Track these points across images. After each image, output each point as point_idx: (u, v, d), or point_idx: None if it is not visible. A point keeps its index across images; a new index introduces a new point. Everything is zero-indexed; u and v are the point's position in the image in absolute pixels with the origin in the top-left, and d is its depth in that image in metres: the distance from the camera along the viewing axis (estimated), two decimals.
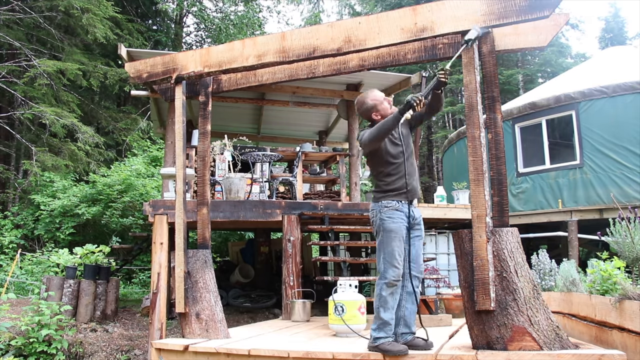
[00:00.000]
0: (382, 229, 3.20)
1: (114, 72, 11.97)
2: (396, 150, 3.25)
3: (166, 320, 5.35)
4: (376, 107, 3.35)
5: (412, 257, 3.25)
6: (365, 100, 3.38)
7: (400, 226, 3.15)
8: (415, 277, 3.25)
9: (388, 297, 3.12)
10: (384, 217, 3.19)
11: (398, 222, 3.15)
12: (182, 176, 4.05)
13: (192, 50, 4.06)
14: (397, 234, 3.14)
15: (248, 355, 3.40)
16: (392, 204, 3.19)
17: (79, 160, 11.16)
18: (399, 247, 3.13)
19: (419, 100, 2.97)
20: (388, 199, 3.21)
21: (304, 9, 28.70)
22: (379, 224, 3.22)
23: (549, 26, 3.51)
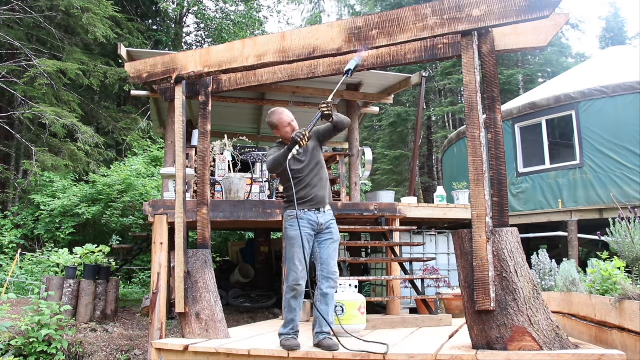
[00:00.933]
0: (285, 237, 3.53)
1: (114, 71, 11.97)
2: (299, 166, 3.53)
3: (166, 320, 5.35)
4: (277, 128, 3.62)
5: (322, 260, 3.50)
6: (272, 117, 3.64)
7: (298, 234, 3.41)
8: (326, 278, 3.46)
9: (290, 300, 3.44)
10: (287, 225, 3.51)
11: (297, 230, 3.41)
12: (182, 176, 4.05)
13: (192, 50, 4.06)
14: (296, 241, 3.40)
15: (248, 355, 3.40)
16: (293, 213, 3.47)
17: (79, 160, 11.16)
18: (298, 254, 3.40)
19: (302, 135, 3.25)
20: (290, 208, 3.51)
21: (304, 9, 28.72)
22: (283, 231, 3.56)
23: (549, 26, 3.51)
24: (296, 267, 3.38)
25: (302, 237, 3.39)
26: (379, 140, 22.72)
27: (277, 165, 3.40)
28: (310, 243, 3.49)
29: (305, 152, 3.55)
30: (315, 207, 3.51)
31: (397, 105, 20.16)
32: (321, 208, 3.54)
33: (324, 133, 3.64)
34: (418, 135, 8.51)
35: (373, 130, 24.59)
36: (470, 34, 3.23)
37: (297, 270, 3.38)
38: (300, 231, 3.39)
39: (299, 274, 3.38)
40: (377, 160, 20.42)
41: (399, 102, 20.87)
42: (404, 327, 4.82)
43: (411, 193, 8.28)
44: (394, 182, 21.12)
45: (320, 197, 3.54)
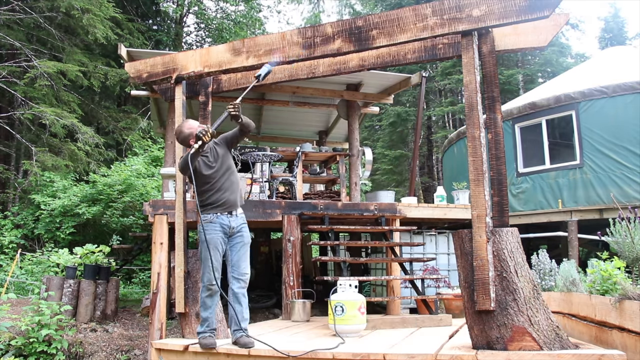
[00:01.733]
0: (200, 240, 3.63)
1: (115, 72, 11.96)
2: (210, 172, 3.61)
3: (166, 320, 5.35)
4: (192, 135, 3.56)
5: (233, 262, 3.63)
6: (182, 129, 3.62)
7: (214, 237, 3.56)
8: (236, 279, 3.60)
9: (206, 299, 3.60)
10: (201, 229, 3.59)
11: (211, 234, 3.55)
12: (182, 176, 4.05)
13: (192, 50, 4.07)
14: (210, 244, 3.52)
15: (248, 355, 3.41)
16: (207, 217, 3.59)
17: (79, 160, 11.15)
18: (213, 256, 3.51)
19: (204, 131, 3.32)
20: (205, 212, 3.61)
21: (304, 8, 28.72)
22: (199, 235, 3.65)
23: (549, 26, 3.51)
24: (209, 268, 3.51)
25: (216, 240, 3.56)
26: (379, 140, 22.71)
27: (185, 164, 3.43)
28: (223, 246, 3.63)
29: (215, 158, 3.65)
30: (227, 211, 3.62)
31: (397, 105, 20.16)
32: (233, 211, 3.65)
33: (232, 138, 3.73)
34: (418, 135, 8.51)
35: (373, 130, 24.59)
36: (470, 34, 3.23)
37: (211, 271, 3.51)
38: (213, 235, 3.55)
39: (211, 274, 3.52)
40: (377, 160, 20.41)
41: (399, 102, 20.87)
42: (404, 327, 4.82)
43: (411, 193, 8.28)
44: (394, 182, 21.11)
45: (231, 201, 3.65)
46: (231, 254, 3.65)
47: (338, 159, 7.69)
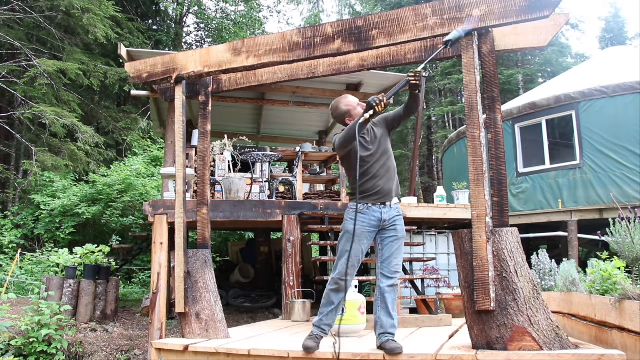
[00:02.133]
0: (343, 228, 3.34)
1: (114, 71, 11.96)
2: (366, 153, 3.29)
3: (166, 320, 5.35)
4: (349, 112, 3.41)
5: (384, 258, 3.30)
6: (339, 105, 3.45)
7: (360, 229, 3.21)
8: (386, 277, 3.25)
9: (331, 293, 3.32)
10: (347, 217, 3.32)
11: (358, 225, 3.20)
12: (182, 176, 4.05)
13: (192, 50, 4.06)
14: (351, 235, 3.17)
15: (248, 355, 3.40)
16: (354, 206, 3.23)
17: (79, 160, 11.15)
18: (354, 249, 3.19)
19: (379, 100, 2.98)
20: (354, 201, 3.27)
21: (304, 8, 28.71)
22: (344, 223, 3.36)
23: (549, 26, 3.51)
24: (345, 260, 3.18)
25: (361, 233, 3.21)
26: None
27: (349, 136, 3.11)
28: (369, 240, 3.29)
29: (373, 140, 3.32)
30: (380, 201, 3.26)
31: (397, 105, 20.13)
32: (387, 202, 3.29)
33: (394, 119, 3.43)
34: (418, 135, 8.51)
35: None
36: (470, 34, 3.23)
37: (345, 264, 3.17)
38: (359, 227, 3.19)
39: (345, 268, 3.18)
40: None
41: (399, 102, 20.85)
42: (404, 327, 4.82)
43: (411, 193, 8.28)
44: None
45: (386, 190, 3.28)
46: (382, 249, 3.30)
47: (338, 159, 7.68)
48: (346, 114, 3.41)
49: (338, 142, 3.30)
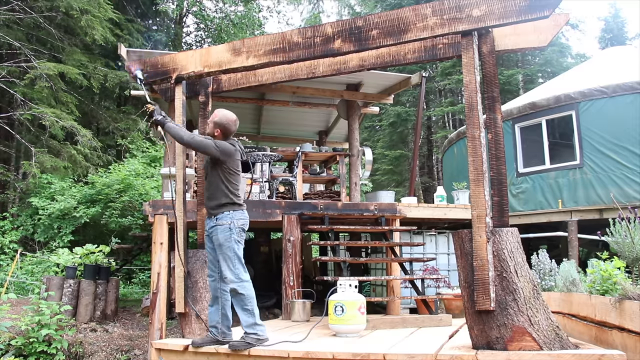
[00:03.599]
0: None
1: (114, 74, 11.96)
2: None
3: (166, 320, 5.35)
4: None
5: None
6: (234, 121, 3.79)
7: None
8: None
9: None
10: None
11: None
12: (182, 176, 4.05)
13: (192, 50, 4.07)
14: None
15: (248, 355, 3.41)
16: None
17: (78, 163, 11.13)
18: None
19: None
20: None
21: (303, 9, 28.71)
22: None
23: (549, 26, 3.51)
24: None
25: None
26: (379, 140, 22.70)
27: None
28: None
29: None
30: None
31: (397, 105, 20.15)
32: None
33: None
34: (418, 135, 8.51)
35: (373, 130, 24.58)
36: (470, 34, 3.23)
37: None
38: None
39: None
40: (377, 160, 20.40)
41: (399, 102, 20.86)
42: (404, 327, 4.82)
43: (411, 193, 8.28)
44: (394, 182, 21.11)
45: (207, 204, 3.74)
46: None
47: (338, 159, 7.69)
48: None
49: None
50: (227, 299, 3.65)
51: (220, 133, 3.64)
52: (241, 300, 3.50)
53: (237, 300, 3.52)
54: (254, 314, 3.53)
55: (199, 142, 3.52)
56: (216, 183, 3.59)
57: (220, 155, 3.52)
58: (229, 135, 3.70)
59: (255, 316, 3.53)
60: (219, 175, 3.59)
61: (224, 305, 3.65)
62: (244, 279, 3.52)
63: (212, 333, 3.63)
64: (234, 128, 3.70)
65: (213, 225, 3.59)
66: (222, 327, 3.64)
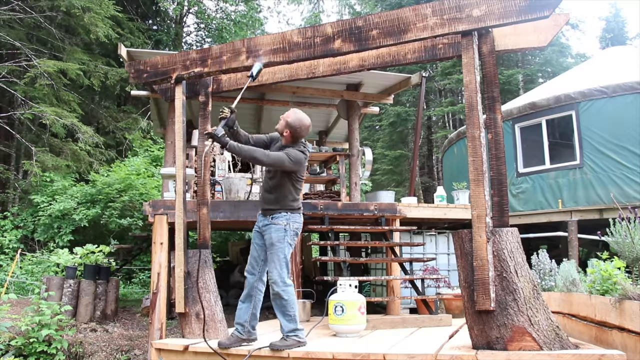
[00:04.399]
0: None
1: (115, 72, 11.97)
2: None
3: (166, 320, 5.35)
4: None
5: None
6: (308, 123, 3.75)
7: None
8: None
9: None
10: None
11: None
12: (182, 176, 4.05)
13: (192, 50, 4.06)
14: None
15: (248, 355, 3.40)
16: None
17: (82, 160, 11.15)
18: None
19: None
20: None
21: (304, 9, 28.71)
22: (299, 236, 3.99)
23: (549, 26, 3.51)
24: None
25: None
26: (379, 140, 22.70)
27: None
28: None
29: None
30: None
31: (397, 105, 20.15)
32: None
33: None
34: (418, 135, 8.51)
35: (373, 130, 24.58)
36: (470, 34, 3.23)
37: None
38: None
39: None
40: (377, 160, 20.40)
41: (399, 102, 20.86)
42: (404, 327, 4.82)
43: (411, 193, 8.28)
44: (394, 182, 21.11)
45: (262, 202, 3.74)
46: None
47: (338, 159, 7.68)
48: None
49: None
50: (259, 299, 3.63)
51: (289, 135, 3.56)
52: (283, 305, 3.46)
53: (279, 304, 3.48)
54: (295, 320, 3.48)
55: (276, 160, 3.43)
56: (282, 186, 3.57)
57: (294, 167, 3.49)
58: (298, 140, 3.61)
59: (296, 322, 3.49)
60: (287, 181, 3.57)
61: (256, 305, 3.62)
62: (288, 284, 3.49)
63: (238, 331, 3.57)
64: (305, 134, 3.62)
65: (268, 223, 3.58)
66: (249, 326, 3.59)
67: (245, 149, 3.44)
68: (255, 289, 3.61)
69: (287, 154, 3.43)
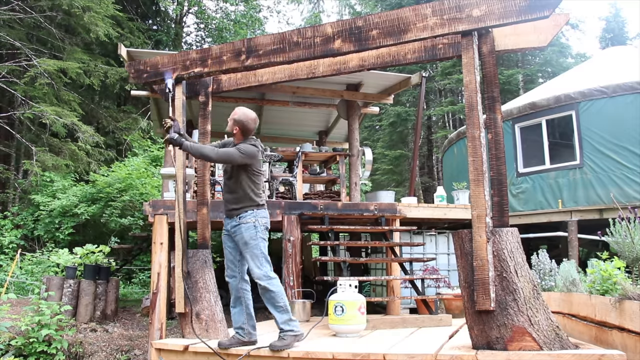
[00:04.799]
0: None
1: (115, 71, 11.97)
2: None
3: (166, 320, 5.35)
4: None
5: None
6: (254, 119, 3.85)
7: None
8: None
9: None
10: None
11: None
12: (182, 176, 4.05)
13: (192, 50, 4.06)
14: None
15: (248, 355, 3.40)
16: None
17: (80, 160, 11.15)
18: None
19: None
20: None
21: (304, 8, 28.71)
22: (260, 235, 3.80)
23: (549, 26, 3.51)
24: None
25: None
26: (379, 140, 22.70)
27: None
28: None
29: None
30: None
31: (397, 105, 20.15)
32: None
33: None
34: (418, 135, 8.51)
35: (373, 130, 24.58)
36: (470, 34, 3.23)
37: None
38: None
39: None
40: (377, 160, 20.40)
41: (399, 102, 20.86)
42: (404, 327, 4.82)
43: (411, 193, 8.28)
44: (394, 182, 21.11)
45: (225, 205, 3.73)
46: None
47: (338, 159, 7.69)
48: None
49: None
50: (249, 298, 3.68)
51: (239, 131, 3.66)
52: (272, 297, 3.50)
53: (268, 297, 3.51)
54: (287, 309, 3.53)
55: (224, 155, 3.50)
56: (240, 184, 3.60)
57: (247, 160, 3.53)
58: (248, 134, 3.70)
59: (288, 312, 3.53)
60: (244, 177, 3.60)
61: (247, 305, 3.66)
62: (272, 276, 3.52)
63: (239, 334, 3.59)
64: (253, 126, 3.70)
65: (236, 224, 3.59)
66: (248, 327, 3.62)
67: (195, 147, 3.54)
68: (241, 289, 3.67)
69: (237, 148, 3.53)
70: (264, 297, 3.52)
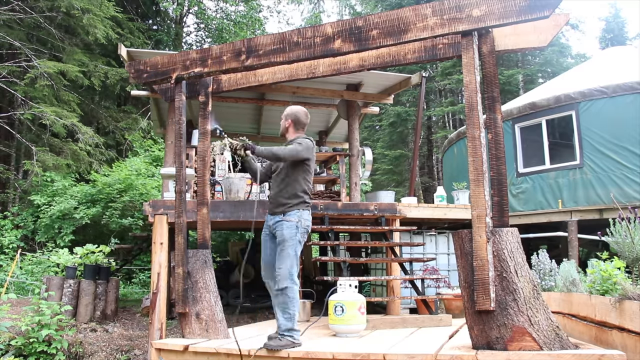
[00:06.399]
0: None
1: (115, 71, 11.97)
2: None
3: (166, 320, 5.35)
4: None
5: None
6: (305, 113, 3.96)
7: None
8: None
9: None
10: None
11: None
12: (182, 176, 4.05)
13: (192, 50, 4.06)
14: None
15: (248, 355, 3.40)
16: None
17: (81, 160, 11.15)
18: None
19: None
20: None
21: (304, 9, 28.72)
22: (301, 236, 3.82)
23: (549, 26, 3.51)
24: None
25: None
26: (379, 140, 22.71)
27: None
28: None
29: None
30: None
31: (397, 105, 20.16)
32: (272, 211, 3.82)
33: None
34: (418, 135, 8.51)
35: (373, 130, 24.59)
36: (470, 34, 3.23)
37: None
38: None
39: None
40: (377, 160, 20.40)
41: (399, 102, 20.87)
42: (404, 327, 4.82)
43: (411, 193, 8.28)
44: (394, 182, 21.12)
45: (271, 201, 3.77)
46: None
47: (338, 159, 7.68)
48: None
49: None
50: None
51: (291, 124, 3.72)
52: (285, 302, 3.46)
53: (281, 301, 3.47)
54: (293, 319, 3.47)
55: (291, 151, 3.52)
56: (295, 180, 3.59)
57: (307, 154, 3.55)
58: (301, 127, 3.73)
59: (294, 322, 3.47)
60: (299, 172, 3.59)
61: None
62: (296, 281, 3.49)
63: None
64: (304, 119, 3.73)
65: (279, 220, 3.59)
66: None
67: (267, 150, 3.58)
68: None
69: (297, 142, 3.56)
70: (277, 298, 3.49)
